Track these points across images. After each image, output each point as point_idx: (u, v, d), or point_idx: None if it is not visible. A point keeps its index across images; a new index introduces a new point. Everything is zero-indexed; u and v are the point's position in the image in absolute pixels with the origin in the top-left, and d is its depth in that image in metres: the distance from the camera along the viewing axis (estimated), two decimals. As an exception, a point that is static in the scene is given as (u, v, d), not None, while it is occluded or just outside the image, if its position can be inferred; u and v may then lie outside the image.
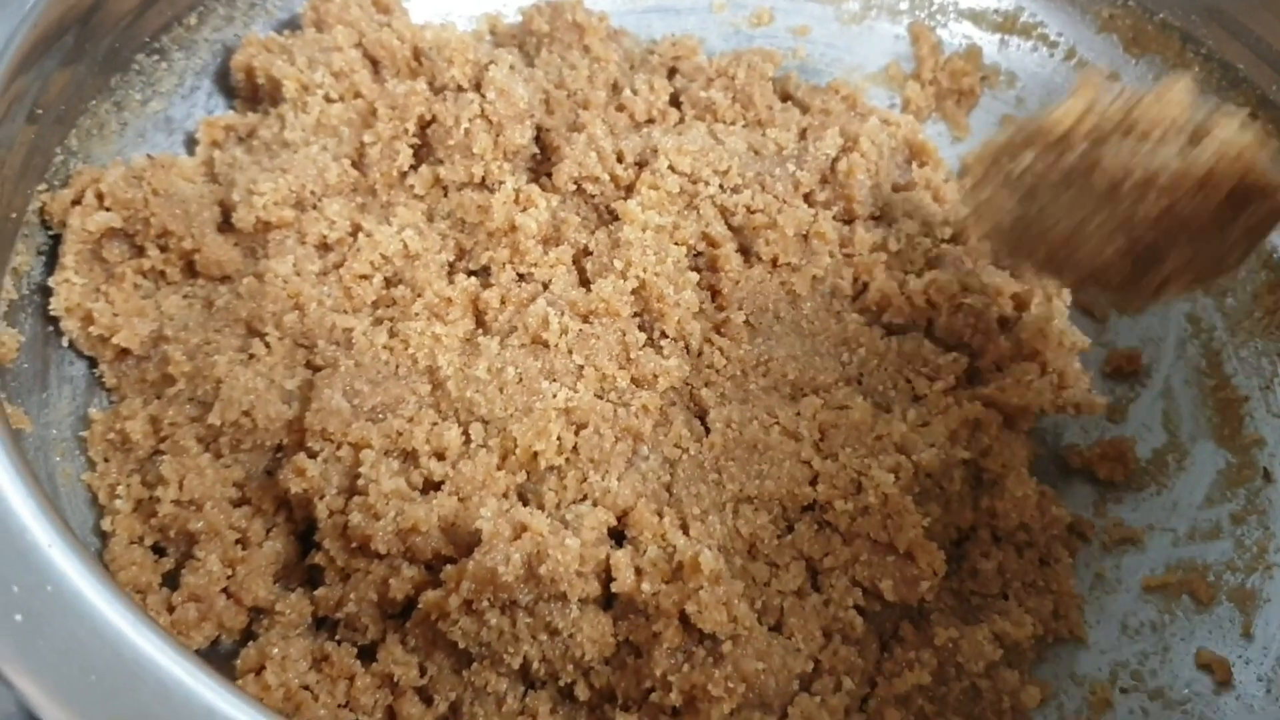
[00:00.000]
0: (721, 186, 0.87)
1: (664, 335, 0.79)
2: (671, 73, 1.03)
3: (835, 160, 0.89)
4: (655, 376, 0.76)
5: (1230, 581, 0.81)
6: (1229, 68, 0.94)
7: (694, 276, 0.82)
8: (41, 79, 0.78)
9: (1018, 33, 1.06)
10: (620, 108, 0.93)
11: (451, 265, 0.85)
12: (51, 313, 0.79)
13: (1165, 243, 0.66)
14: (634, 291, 0.79)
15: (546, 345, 0.77)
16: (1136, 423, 0.91)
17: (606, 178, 0.87)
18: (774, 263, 0.85)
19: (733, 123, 0.95)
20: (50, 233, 0.81)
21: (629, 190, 0.87)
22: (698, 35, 1.06)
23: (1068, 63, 1.04)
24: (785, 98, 1.00)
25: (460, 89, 0.85)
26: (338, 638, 0.72)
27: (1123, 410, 0.92)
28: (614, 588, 0.68)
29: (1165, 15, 0.97)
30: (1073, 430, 0.91)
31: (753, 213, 0.86)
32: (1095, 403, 0.86)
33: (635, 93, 0.93)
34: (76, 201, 0.81)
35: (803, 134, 0.95)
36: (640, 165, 0.88)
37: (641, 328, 0.79)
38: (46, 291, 0.79)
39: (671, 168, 0.86)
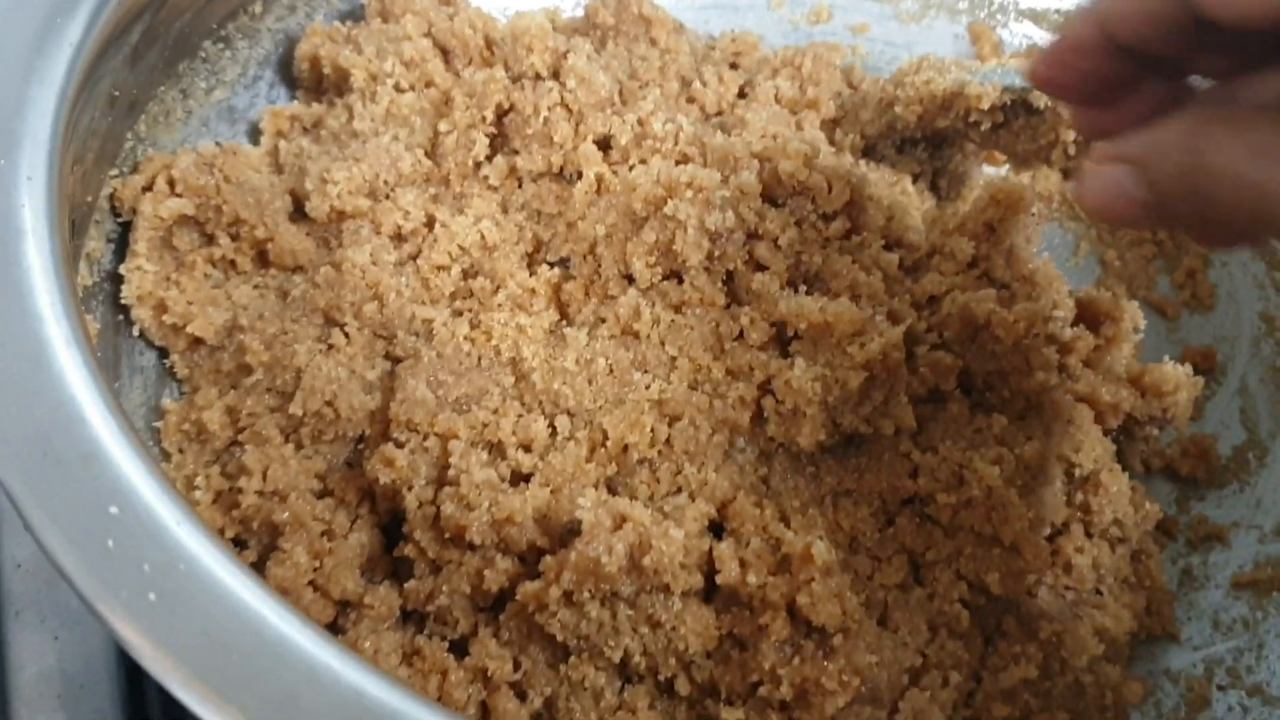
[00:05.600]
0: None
1: (753, 323, 0.77)
2: (733, 68, 1.02)
3: None
4: (751, 368, 0.74)
5: (1321, 579, 0.80)
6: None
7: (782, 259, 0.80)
8: (120, 63, 0.76)
9: (1079, 32, 1.05)
10: (690, 99, 0.92)
11: (530, 257, 0.83)
12: (123, 301, 0.77)
13: None
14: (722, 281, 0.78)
15: (637, 336, 0.75)
16: (1215, 420, 0.90)
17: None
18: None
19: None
20: (119, 219, 0.79)
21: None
22: (756, 32, 1.05)
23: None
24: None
25: (539, 77, 0.83)
26: (427, 632, 0.70)
27: (1200, 407, 0.91)
28: (718, 580, 0.66)
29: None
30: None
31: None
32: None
33: (705, 85, 0.92)
34: (148, 188, 0.79)
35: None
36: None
37: (733, 318, 0.77)
38: (116, 279, 0.77)
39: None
